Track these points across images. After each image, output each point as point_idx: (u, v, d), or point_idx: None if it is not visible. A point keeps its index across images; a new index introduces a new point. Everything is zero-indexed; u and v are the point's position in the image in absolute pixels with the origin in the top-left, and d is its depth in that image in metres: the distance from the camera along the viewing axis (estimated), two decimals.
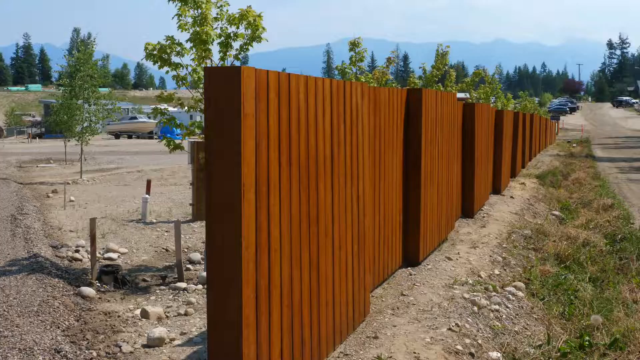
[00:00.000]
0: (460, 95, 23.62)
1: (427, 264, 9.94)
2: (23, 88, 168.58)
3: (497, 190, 18.59)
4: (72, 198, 17.84)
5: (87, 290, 8.88)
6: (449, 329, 7.21)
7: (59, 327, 7.50)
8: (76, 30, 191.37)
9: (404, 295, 8.38)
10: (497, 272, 10.17)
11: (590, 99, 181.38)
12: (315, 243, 5.91)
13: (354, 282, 6.96)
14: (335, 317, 6.43)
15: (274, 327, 5.12)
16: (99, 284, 9.41)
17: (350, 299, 6.86)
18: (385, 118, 8.58)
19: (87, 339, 7.16)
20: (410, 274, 9.35)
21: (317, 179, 5.92)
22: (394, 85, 15.79)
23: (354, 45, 13.05)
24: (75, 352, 6.77)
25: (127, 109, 72.21)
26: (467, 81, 21.88)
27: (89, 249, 10.96)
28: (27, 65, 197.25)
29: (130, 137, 62.95)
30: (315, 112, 5.86)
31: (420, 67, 18.77)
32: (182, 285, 9.17)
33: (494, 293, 8.89)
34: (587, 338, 7.67)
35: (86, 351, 6.83)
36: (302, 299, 5.65)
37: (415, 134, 9.69)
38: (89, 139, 24.85)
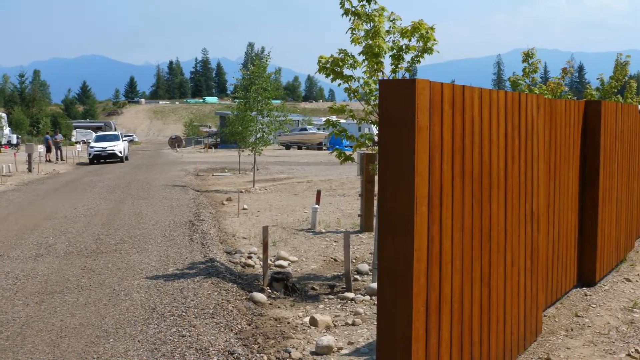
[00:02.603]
0: None
1: (604, 285, 9.46)
2: (201, 100, 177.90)
3: None
4: (245, 206, 18.53)
5: (259, 296, 9.18)
6: (628, 354, 6.81)
7: (232, 330, 7.79)
8: (250, 45, 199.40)
9: (579, 316, 8.02)
10: None
11: None
12: (487, 258, 5.78)
13: (526, 299, 6.75)
14: (505, 335, 6.26)
15: (443, 342, 5.06)
16: (269, 290, 9.70)
17: (522, 317, 6.65)
18: (561, 131, 8.28)
19: (258, 343, 7.39)
20: (585, 295, 8.94)
21: (490, 192, 5.79)
22: (569, 97, 15.22)
23: (527, 56, 12.69)
24: (247, 355, 6.99)
25: (298, 120, 74.19)
26: None
27: (260, 256, 11.34)
28: (204, 79, 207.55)
29: (300, 147, 64.49)
30: (490, 124, 5.75)
31: (597, 78, 17.96)
32: (350, 295, 9.25)
33: None
34: None
35: (257, 354, 7.04)
36: (472, 315, 5.54)
37: (592, 148, 9.28)
38: (261, 150, 25.71)
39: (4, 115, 65.63)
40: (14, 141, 67.19)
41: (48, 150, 46.08)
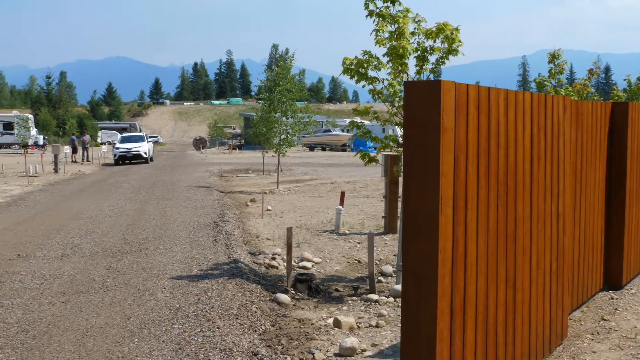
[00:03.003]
0: None
1: (631, 288, 9.37)
2: (225, 102, 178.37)
3: None
4: (269, 207, 18.55)
5: (283, 297, 9.19)
6: None
7: (255, 331, 7.81)
8: (275, 46, 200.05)
9: (605, 320, 7.95)
10: None
11: None
12: (512, 260, 5.75)
13: (552, 302, 6.70)
14: (530, 337, 6.22)
15: (467, 344, 5.03)
16: (293, 292, 9.71)
17: (547, 320, 6.60)
18: (588, 132, 8.22)
19: (282, 344, 7.40)
20: (612, 298, 8.86)
21: (516, 194, 5.76)
22: (595, 98, 15.09)
23: (553, 57, 12.59)
24: (271, 356, 7.00)
25: (322, 122, 74.10)
26: None
27: (284, 257, 11.36)
28: (229, 80, 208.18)
29: (324, 149, 64.44)
30: (515, 126, 5.72)
31: (624, 80, 17.79)
32: (374, 297, 9.24)
33: None
34: None
35: (281, 356, 7.05)
36: (497, 317, 5.51)
37: (619, 149, 9.20)
38: (285, 151, 25.75)
39: (30, 116, 66.33)
40: (41, 142, 67.84)
41: (74, 151, 46.48)
